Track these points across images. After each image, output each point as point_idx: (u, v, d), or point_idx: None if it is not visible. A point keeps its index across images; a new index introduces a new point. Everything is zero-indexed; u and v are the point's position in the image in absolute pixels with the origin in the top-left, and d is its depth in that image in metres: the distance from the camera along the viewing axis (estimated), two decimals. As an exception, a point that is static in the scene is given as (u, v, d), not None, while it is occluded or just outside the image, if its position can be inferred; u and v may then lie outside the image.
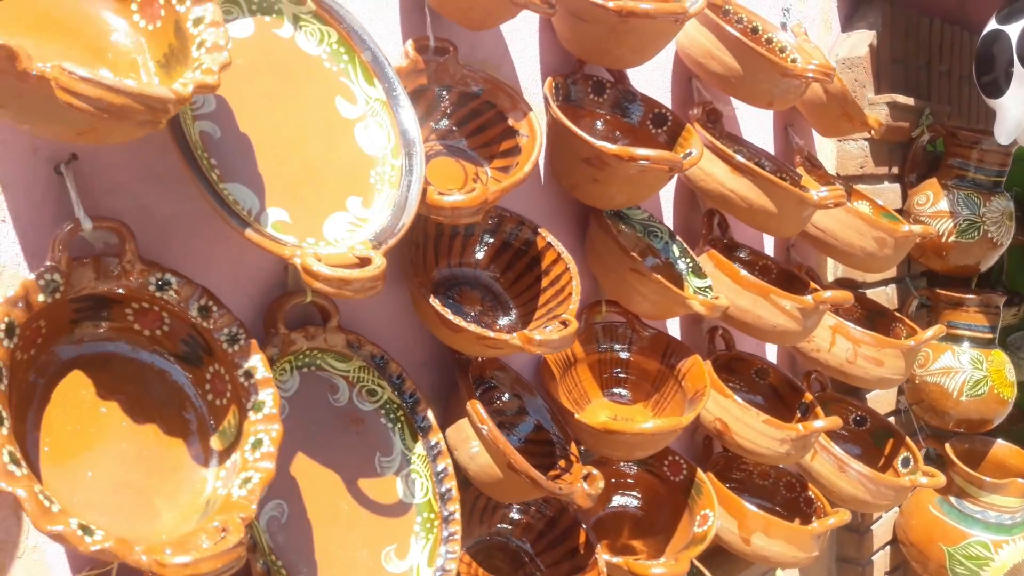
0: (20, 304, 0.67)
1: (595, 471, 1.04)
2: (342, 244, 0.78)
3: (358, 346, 0.94)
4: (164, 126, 0.65)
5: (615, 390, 1.29)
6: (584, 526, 1.12)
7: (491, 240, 1.07)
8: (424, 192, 0.84)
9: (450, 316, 0.90)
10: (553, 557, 1.13)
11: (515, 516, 1.14)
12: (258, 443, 0.72)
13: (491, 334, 0.90)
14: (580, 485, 1.00)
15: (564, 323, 0.95)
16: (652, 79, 1.36)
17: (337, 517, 0.88)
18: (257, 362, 0.76)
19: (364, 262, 0.74)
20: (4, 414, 0.62)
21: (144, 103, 0.59)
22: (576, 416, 1.10)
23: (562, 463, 1.08)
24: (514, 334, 0.90)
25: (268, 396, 0.74)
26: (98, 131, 0.62)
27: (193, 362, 0.78)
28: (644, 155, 1.01)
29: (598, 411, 1.26)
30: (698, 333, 1.50)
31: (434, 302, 0.90)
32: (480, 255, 1.07)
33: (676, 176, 1.25)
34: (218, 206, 0.70)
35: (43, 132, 0.67)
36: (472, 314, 1.03)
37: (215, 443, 0.76)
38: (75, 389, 0.72)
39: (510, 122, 1.01)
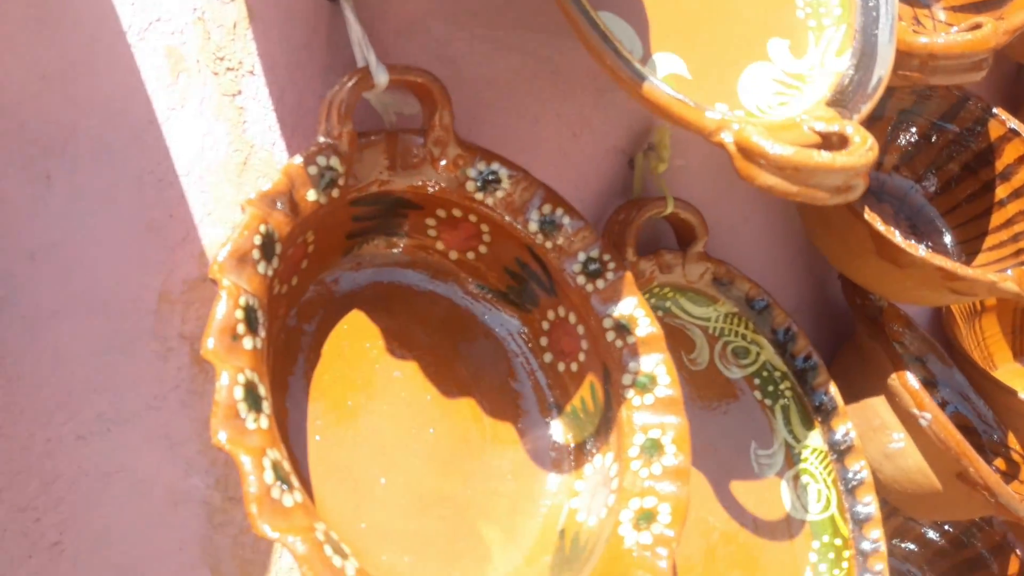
0: (281, 204, 0.40)
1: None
2: (776, 112, 0.46)
3: (728, 283, 0.62)
4: None
5: (1034, 354, 0.91)
6: (1018, 551, 0.77)
7: (912, 129, 0.71)
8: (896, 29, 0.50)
9: (899, 239, 0.56)
10: (958, 590, 0.80)
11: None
12: (654, 447, 0.42)
13: (968, 272, 0.55)
14: (1053, 506, 0.65)
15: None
16: None
17: (703, 542, 0.59)
18: (635, 309, 0.46)
19: (832, 139, 0.42)
20: (263, 389, 0.36)
21: None
22: (1021, 395, 0.74)
23: (1000, 464, 0.73)
24: (1008, 271, 0.55)
25: (660, 366, 0.44)
26: None
27: (523, 303, 0.50)
28: None
29: (1009, 383, 0.88)
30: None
31: (872, 216, 0.56)
32: (889, 154, 0.72)
33: None
34: (599, 42, 0.40)
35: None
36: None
37: (561, 433, 0.48)
38: (356, 341, 0.46)
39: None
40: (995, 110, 0.67)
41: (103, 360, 0.44)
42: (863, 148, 0.40)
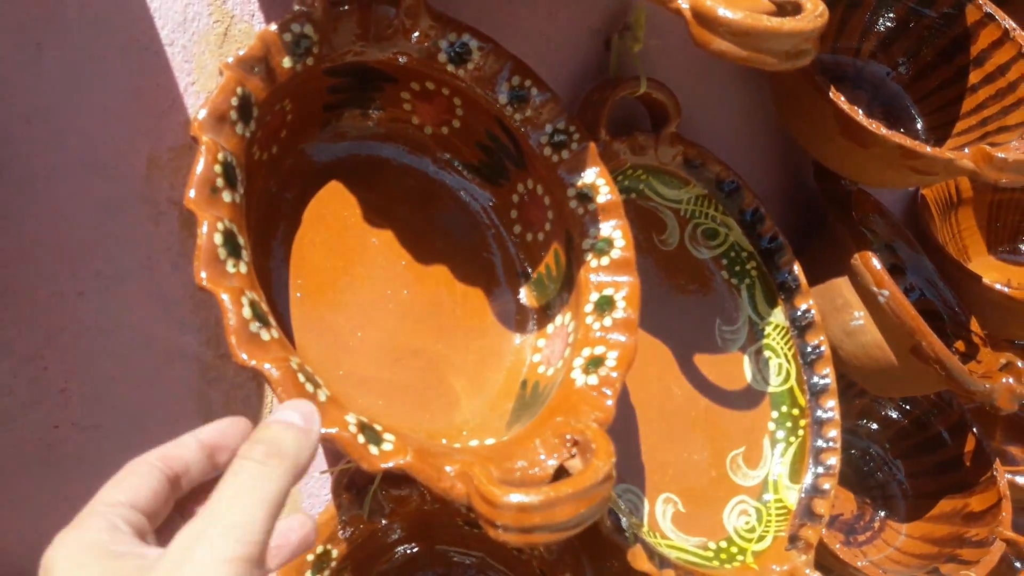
0: (258, 69, 0.43)
1: (1019, 360, 0.71)
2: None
3: (700, 165, 0.65)
4: None
5: (1007, 247, 0.93)
6: (975, 430, 0.81)
7: (890, 15, 0.72)
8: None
9: (861, 117, 0.58)
10: (918, 466, 0.84)
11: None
12: (606, 304, 0.46)
13: (927, 149, 0.57)
14: (1005, 380, 0.68)
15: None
16: None
17: (666, 407, 0.63)
18: (596, 178, 0.48)
19: (787, 8, 0.44)
20: (242, 240, 0.39)
21: None
22: (985, 280, 0.77)
23: (960, 346, 0.76)
24: (965, 149, 0.57)
25: (616, 231, 0.47)
26: None
27: (495, 177, 0.52)
28: None
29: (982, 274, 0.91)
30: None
31: (836, 95, 0.58)
32: (867, 40, 0.73)
33: None
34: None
35: None
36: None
37: (528, 296, 0.51)
38: (334, 209, 0.49)
39: None
40: (973, -4, 0.68)
41: (98, 221, 0.47)
42: (813, 14, 0.41)
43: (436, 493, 0.36)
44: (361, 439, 0.35)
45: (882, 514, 0.81)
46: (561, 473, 0.39)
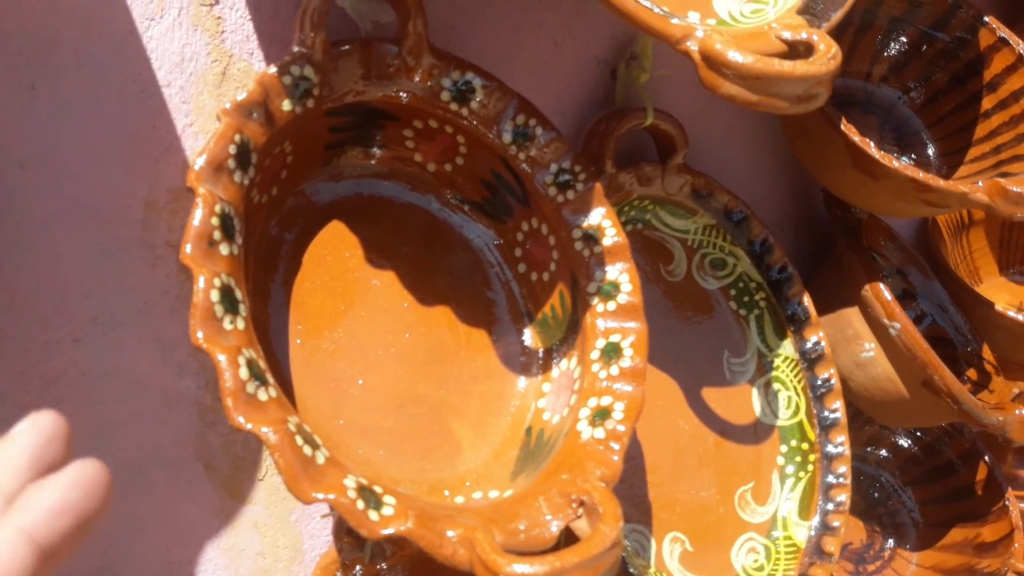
0: (256, 114, 0.42)
1: (1033, 392, 0.70)
2: (750, 20, 0.46)
3: (707, 195, 0.63)
4: None
5: (1019, 268, 0.92)
6: (987, 458, 0.80)
7: (902, 39, 0.70)
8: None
9: (873, 150, 0.56)
10: (929, 494, 0.83)
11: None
12: (613, 351, 0.45)
13: (940, 183, 0.56)
14: (1018, 412, 0.67)
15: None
16: None
17: (674, 442, 0.62)
18: (602, 219, 0.47)
19: (799, 48, 0.43)
20: (239, 293, 0.38)
21: None
22: (997, 307, 0.75)
23: (972, 374, 0.75)
24: (979, 181, 0.56)
25: (623, 274, 0.46)
26: None
27: (499, 214, 0.51)
28: None
29: (993, 297, 0.90)
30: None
31: (847, 127, 0.57)
32: (878, 64, 0.72)
33: None
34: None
35: None
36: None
37: (532, 338, 0.50)
38: (336, 250, 0.48)
39: None
40: (986, 18, 0.67)
41: (95, 266, 0.46)
42: (826, 56, 0.40)
43: (438, 559, 0.35)
44: (360, 504, 0.34)
45: (892, 543, 0.80)
46: (566, 533, 0.38)
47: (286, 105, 0.43)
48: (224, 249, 0.38)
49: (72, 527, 0.23)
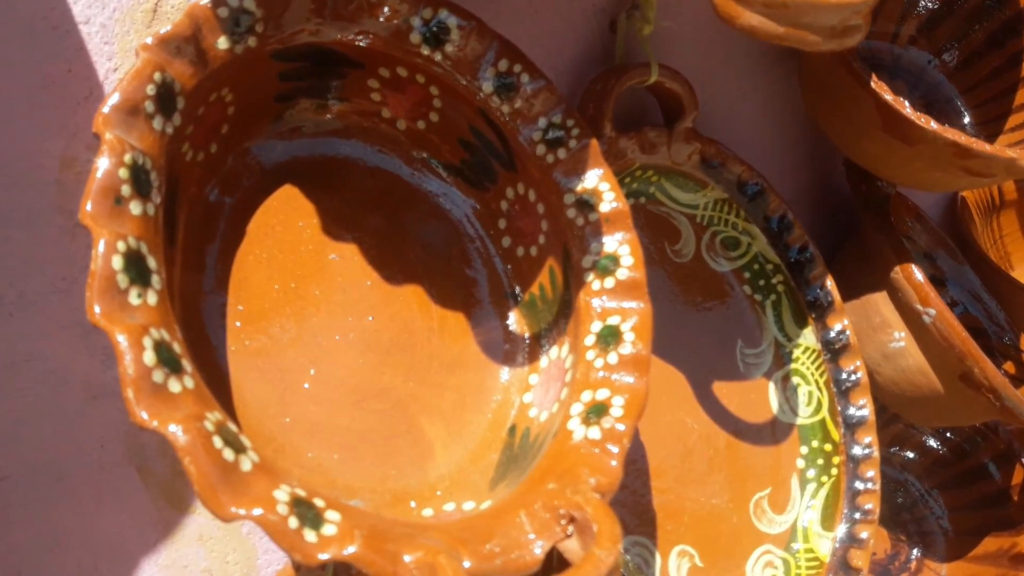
0: (185, 51, 0.35)
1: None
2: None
3: (719, 165, 0.56)
4: None
5: (1053, 254, 0.85)
6: (1023, 460, 0.73)
7: (930, 4, 0.63)
8: None
9: (908, 111, 0.49)
10: (959, 500, 0.76)
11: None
12: (611, 335, 0.38)
13: (985, 147, 0.49)
14: (1064, 411, 0.60)
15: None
16: None
17: (681, 444, 0.55)
18: (599, 182, 0.40)
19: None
20: (152, 262, 0.31)
21: None
22: (1037, 295, 0.68)
23: (1009, 367, 0.68)
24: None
25: (623, 246, 0.39)
26: None
27: (480, 179, 0.44)
28: None
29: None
30: None
31: (878, 85, 0.50)
32: (906, 24, 0.65)
33: None
34: None
35: None
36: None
37: (518, 322, 0.43)
38: (286, 219, 0.41)
39: None
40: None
41: (1, 237, 0.39)
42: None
43: (391, 588, 0.28)
44: (293, 522, 0.27)
45: (918, 553, 0.73)
46: (553, 556, 0.31)
47: (222, 43, 0.36)
48: (135, 208, 0.31)
49: None
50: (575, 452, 0.34)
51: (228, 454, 0.28)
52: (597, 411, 0.35)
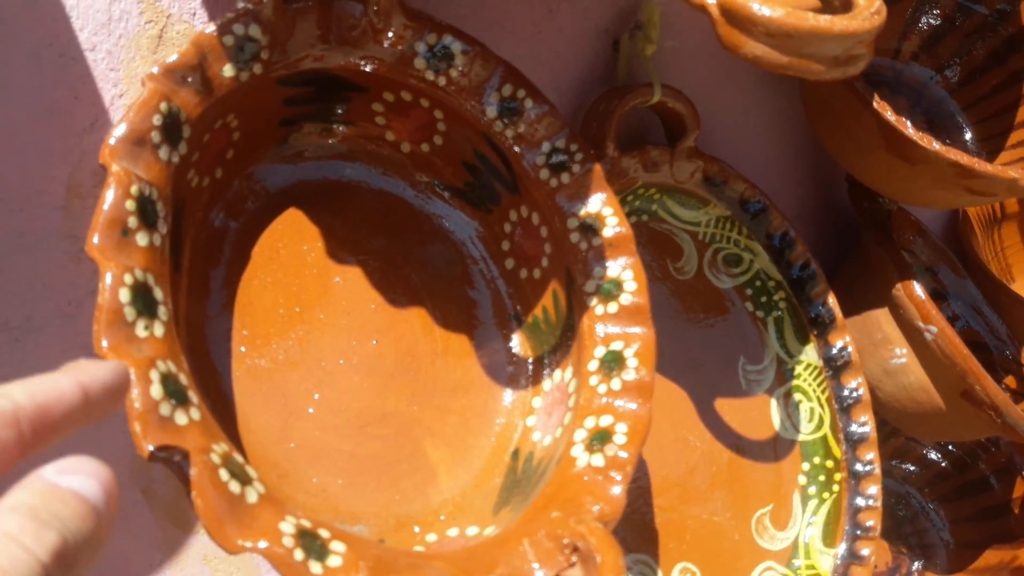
0: (191, 80, 0.35)
1: (1080, 403, 0.63)
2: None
3: (721, 182, 0.57)
4: None
5: (1055, 266, 0.85)
6: (1024, 475, 0.73)
7: (935, 12, 0.63)
8: None
9: (910, 131, 0.50)
10: (960, 512, 0.76)
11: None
12: (614, 361, 0.38)
13: (987, 168, 0.49)
14: (1066, 427, 0.60)
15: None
16: None
17: (684, 461, 0.55)
18: (602, 207, 0.41)
19: (834, 2, 0.36)
20: (159, 293, 0.31)
21: None
22: (1038, 310, 0.68)
23: (1010, 382, 0.68)
24: (1031, 171, 0.49)
25: (626, 271, 0.39)
26: None
27: (483, 202, 0.44)
28: None
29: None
30: None
31: (881, 105, 0.50)
32: (908, 40, 0.65)
33: None
34: None
35: None
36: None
37: (521, 345, 0.43)
38: (291, 243, 0.41)
39: None
40: (1029, -9, 0.60)
41: (7, 262, 0.39)
42: (868, 11, 0.34)
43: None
44: (299, 555, 0.28)
45: (919, 566, 0.73)
46: (557, 586, 0.31)
47: (228, 70, 0.36)
48: (142, 239, 0.31)
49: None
50: (578, 480, 0.34)
51: (234, 486, 0.28)
52: (600, 438, 0.35)
